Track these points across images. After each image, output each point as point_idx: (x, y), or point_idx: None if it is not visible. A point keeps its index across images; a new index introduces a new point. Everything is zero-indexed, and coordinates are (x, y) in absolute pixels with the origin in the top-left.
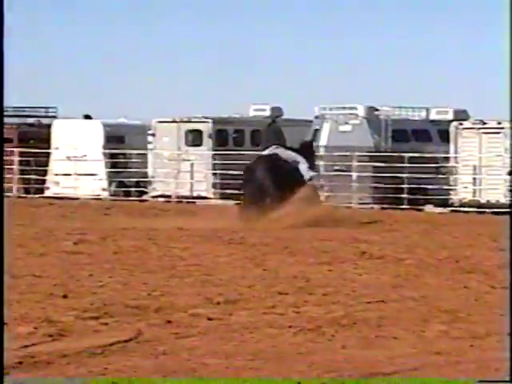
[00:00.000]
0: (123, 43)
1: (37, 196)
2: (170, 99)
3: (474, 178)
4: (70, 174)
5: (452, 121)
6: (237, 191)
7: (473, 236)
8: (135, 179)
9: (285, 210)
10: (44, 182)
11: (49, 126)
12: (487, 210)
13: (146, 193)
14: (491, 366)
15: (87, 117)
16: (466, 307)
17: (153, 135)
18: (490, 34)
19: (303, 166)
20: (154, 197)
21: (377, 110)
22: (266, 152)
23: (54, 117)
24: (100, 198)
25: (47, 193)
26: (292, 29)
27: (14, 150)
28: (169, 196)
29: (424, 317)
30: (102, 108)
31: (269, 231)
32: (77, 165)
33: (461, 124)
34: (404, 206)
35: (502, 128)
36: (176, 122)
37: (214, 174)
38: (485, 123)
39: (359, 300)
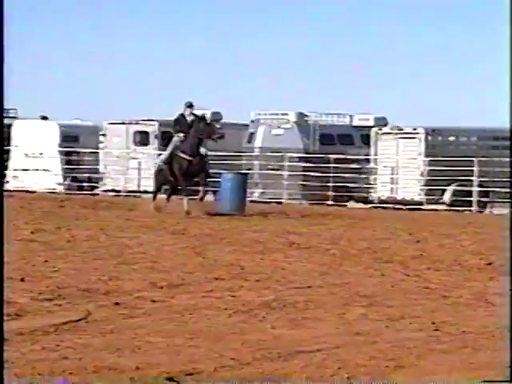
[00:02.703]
0: (77, 49)
1: None
2: (120, 103)
3: (392, 178)
4: (28, 170)
5: (372, 126)
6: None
7: (390, 229)
8: (88, 175)
9: None
10: (4, 176)
11: (9, 126)
12: (403, 207)
13: (97, 187)
14: (404, 345)
15: (44, 118)
16: (382, 293)
17: (104, 135)
18: (407, 47)
19: None
20: (104, 191)
21: (306, 116)
22: None
23: (15, 117)
24: (55, 192)
25: (7, 186)
26: (230, 37)
27: None
28: (118, 190)
29: (345, 301)
30: (57, 110)
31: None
32: (35, 161)
33: (380, 129)
34: (329, 202)
35: (417, 133)
36: (125, 123)
37: None
38: (401, 129)
39: (288, 286)
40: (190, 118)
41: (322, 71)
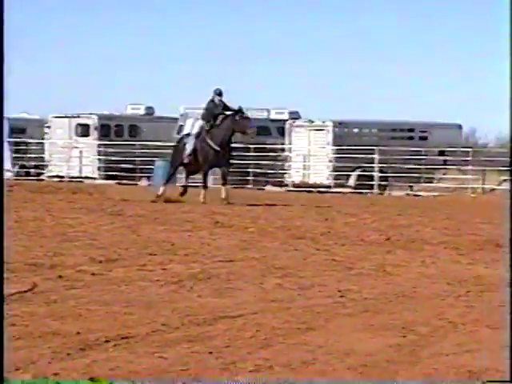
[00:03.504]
0: (25, 48)
1: None
2: (64, 97)
3: (304, 165)
4: None
5: (287, 120)
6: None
7: (302, 210)
8: (34, 163)
9: None
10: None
11: None
12: (314, 190)
13: (43, 174)
14: (314, 310)
15: None
16: (296, 265)
17: (49, 127)
18: (319, 49)
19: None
20: (49, 177)
21: None
22: None
23: None
24: (6, 178)
25: None
26: (159, 37)
27: None
28: (62, 176)
29: (263, 272)
30: (6, 104)
31: (142, 205)
32: None
33: (294, 122)
34: (249, 186)
35: (326, 126)
36: (68, 117)
37: (99, 159)
38: (312, 122)
39: (213, 259)
40: (219, 107)
41: (243, 69)
